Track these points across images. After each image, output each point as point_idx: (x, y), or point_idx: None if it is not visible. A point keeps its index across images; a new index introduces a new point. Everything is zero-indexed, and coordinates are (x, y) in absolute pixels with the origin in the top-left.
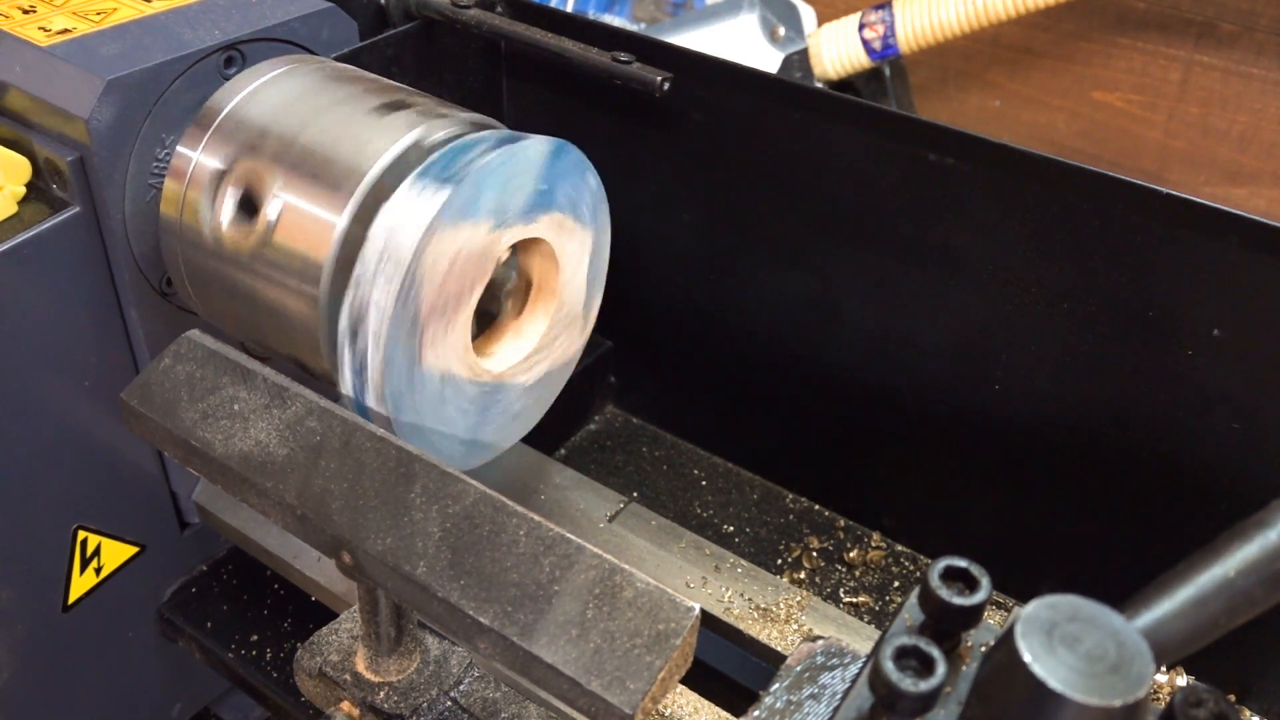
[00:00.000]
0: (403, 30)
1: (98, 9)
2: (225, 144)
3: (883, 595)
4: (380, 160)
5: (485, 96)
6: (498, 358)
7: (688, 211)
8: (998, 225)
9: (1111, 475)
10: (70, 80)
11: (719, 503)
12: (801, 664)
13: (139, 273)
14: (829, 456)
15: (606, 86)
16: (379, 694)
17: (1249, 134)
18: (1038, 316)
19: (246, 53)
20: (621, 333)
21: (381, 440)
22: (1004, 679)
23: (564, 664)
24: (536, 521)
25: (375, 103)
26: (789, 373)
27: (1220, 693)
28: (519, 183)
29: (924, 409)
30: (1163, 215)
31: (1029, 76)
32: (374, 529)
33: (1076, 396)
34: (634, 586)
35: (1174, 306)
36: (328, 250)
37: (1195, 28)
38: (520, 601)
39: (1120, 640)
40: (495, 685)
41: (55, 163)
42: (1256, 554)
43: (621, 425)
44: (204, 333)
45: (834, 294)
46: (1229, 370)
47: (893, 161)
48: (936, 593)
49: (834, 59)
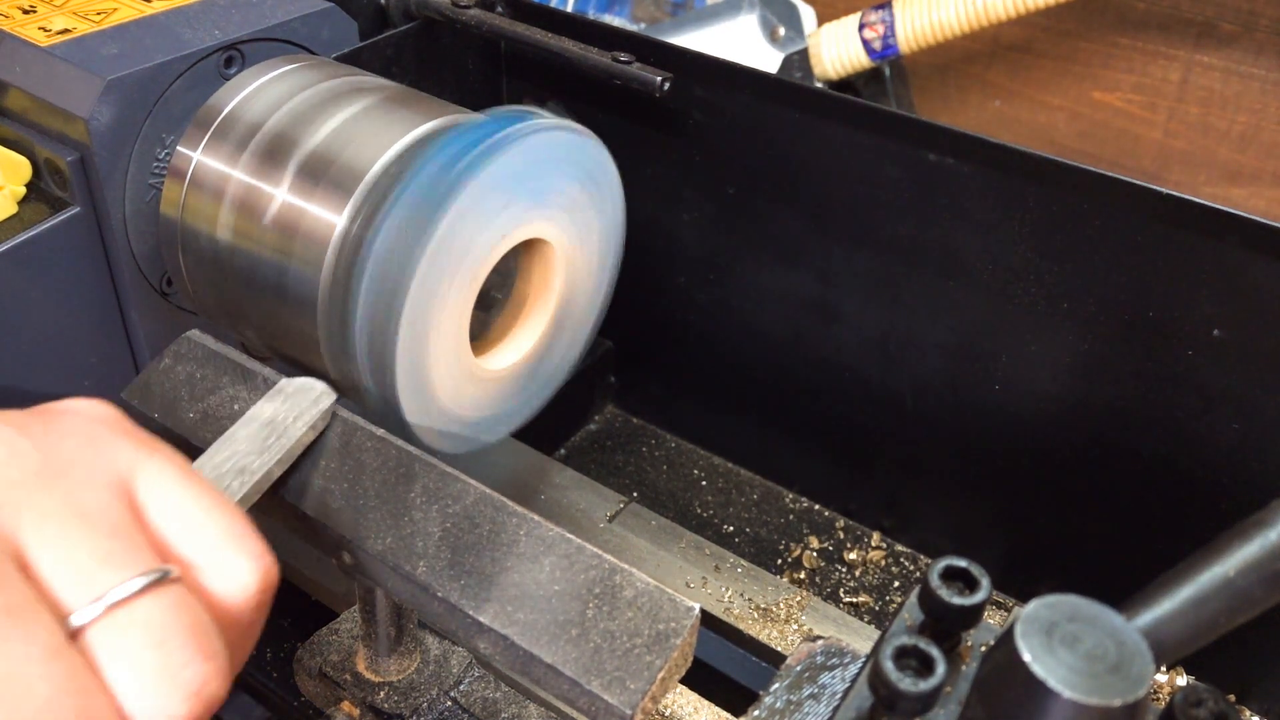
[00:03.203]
0: (403, 30)
1: (98, 9)
2: (225, 144)
3: (883, 595)
4: (380, 160)
5: (485, 96)
6: (496, 355)
7: (688, 211)
8: (998, 225)
9: (1111, 475)
10: (70, 80)
11: (719, 503)
12: (801, 664)
13: (139, 273)
14: (829, 456)
15: (606, 86)
16: (379, 694)
17: (1249, 134)
18: (1038, 316)
19: (246, 53)
20: (621, 333)
21: (381, 440)
22: (1004, 679)
23: (564, 664)
24: (536, 521)
25: (375, 103)
26: (789, 373)
27: (1220, 693)
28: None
29: (924, 409)
30: (1163, 215)
31: (1029, 76)
32: (374, 529)
33: (1076, 396)
34: (634, 586)
35: (1174, 306)
36: (328, 250)
37: (1195, 28)
38: (520, 601)
39: (1120, 640)
40: (495, 685)
41: (55, 163)
42: (1256, 554)
43: (621, 425)
44: (204, 333)
45: (834, 294)
46: (1229, 370)
47: (893, 161)
48: (936, 593)
49: (834, 59)
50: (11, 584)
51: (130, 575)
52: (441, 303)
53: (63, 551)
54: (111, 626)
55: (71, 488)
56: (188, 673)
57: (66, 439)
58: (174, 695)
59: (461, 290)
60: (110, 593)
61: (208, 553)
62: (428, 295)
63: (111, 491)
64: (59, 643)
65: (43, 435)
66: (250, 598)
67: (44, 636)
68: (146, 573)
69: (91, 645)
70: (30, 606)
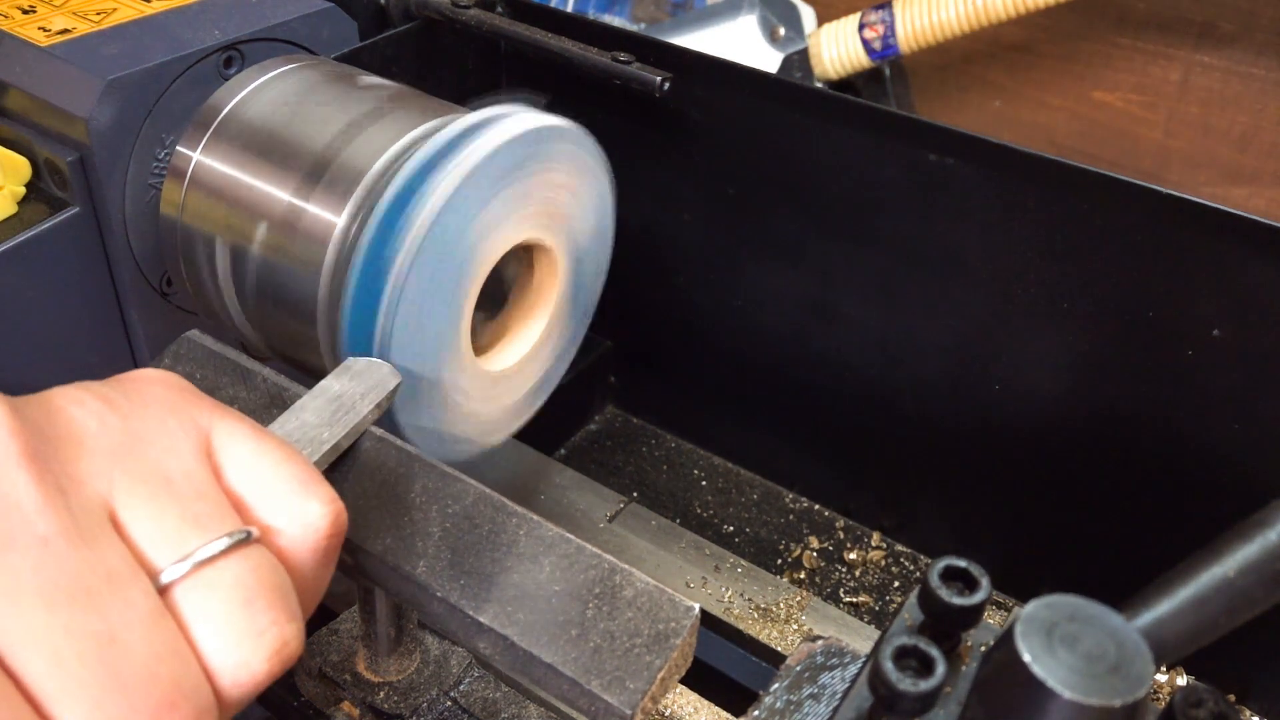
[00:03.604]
0: (403, 30)
1: (98, 9)
2: (225, 144)
3: (883, 595)
4: (380, 160)
5: (485, 97)
6: (495, 355)
7: (688, 211)
8: (998, 225)
9: (1111, 475)
10: (70, 80)
11: (719, 503)
12: (801, 664)
13: (139, 273)
14: (829, 456)
15: (606, 86)
16: (379, 694)
17: (1249, 134)
18: (1038, 316)
19: (246, 53)
20: (621, 333)
21: (381, 440)
22: (1004, 679)
23: (564, 664)
24: (536, 521)
25: (375, 102)
26: (789, 373)
27: (1220, 693)
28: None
29: (924, 409)
30: (1163, 215)
31: (1029, 76)
32: (374, 529)
33: (1076, 396)
34: (634, 586)
35: (1174, 306)
36: (328, 249)
37: (1195, 28)
38: (520, 601)
39: (1120, 640)
40: (495, 685)
41: (55, 163)
42: (1256, 554)
43: (621, 425)
44: (204, 333)
45: (834, 294)
46: (1229, 370)
47: (893, 161)
48: (936, 593)
49: (834, 59)
50: (112, 548)
51: (215, 536)
52: (439, 303)
53: (152, 514)
54: (198, 585)
55: (157, 454)
56: (272, 631)
57: (148, 408)
58: (258, 652)
59: (459, 290)
60: (197, 552)
61: (282, 501)
62: (422, 295)
63: (193, 456)
64: (156, 606)
65: (126, 405)
66: (321, 540)
67: (142, 601)
68: (231, 534)
69: (178, 603)
70: (130, 570)
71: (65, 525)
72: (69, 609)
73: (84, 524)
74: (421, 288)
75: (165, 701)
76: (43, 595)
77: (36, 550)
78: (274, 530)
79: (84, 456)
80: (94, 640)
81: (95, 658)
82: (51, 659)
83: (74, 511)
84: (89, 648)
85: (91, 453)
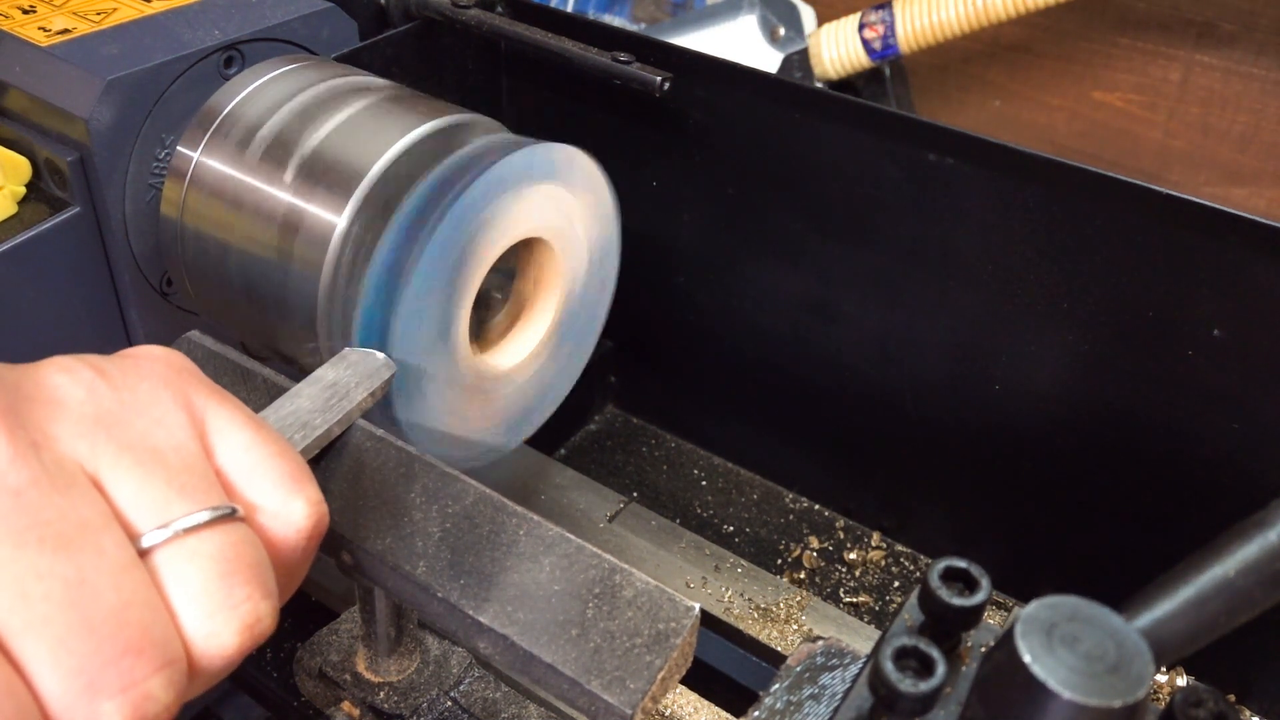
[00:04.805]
0: (403, 30)
1: (98, 9)
2: (225, 144)
3: (883, 595)
4: (380, 160)
5: (485, 96)
6: (497, 356)
7: (688, 211)
8: (998, 225)
9: (1111, 475)
10: (70, 80)
11: (719, 503)
12: (801, 664)
13: (139, 273)
14: (829, 456)
15: (606, 86)
16: (379, 694)
17: (1249, 134)
18: (1038, 316)
19: (246, 53)
20: (621, 333)
21: (381, 440)
22: (1004, 679)
23: (564, 663)
24: (536, 521)
25: (375, 103)
26: (789, 373)
27: (1220, 693)
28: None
29: (924, 409)
30: (1163, 215)
31: (1029, 76)
32: (374, 529)
33: (1076, 396)
34: (634, 586)
35: (1174, 306)
36: (328, 250)
37: (1195, 28)
38: (520, 601)
39: (1120, 640)
40: (495, 685)
41: (55, 163)
42: (1256, 554)
43: (621, 425)
44: (204, 333)
45: (834, 294)
46: (1229, 370)
47: (893, 161)
48: (936, 593)
49: (834, 59)
50: (89, 500)
51: (199, 508)
52: (439, 304)
53: (137, 479)
54: (178, 552)
55: (147, 425)
56: (246, 606)
57: (144, 380)
58: (230, 625)
59: (459, 290)
60: (179, 520)
61: (268, 492)
62: (426, 297)
63: (184, 431)
64: (129, 557)
65: (120, 376)
66: (302, 537)
67: (114, 550)
68: (216, 507)
69: (158, 567)
70: (105, 522)
71: (37, 475)
72: (38, 550)
73: (56, 476)
74: (423, 285)
75: (133, 646)
76: (11, 538)
77: (8, 499)
78: (259, 522)
79: (63, 418)
80: (61, 581)
81: (62, 596)
82: (17, 595)
83: (46, 464)
84: (55, 587)
85: (72, 415)
